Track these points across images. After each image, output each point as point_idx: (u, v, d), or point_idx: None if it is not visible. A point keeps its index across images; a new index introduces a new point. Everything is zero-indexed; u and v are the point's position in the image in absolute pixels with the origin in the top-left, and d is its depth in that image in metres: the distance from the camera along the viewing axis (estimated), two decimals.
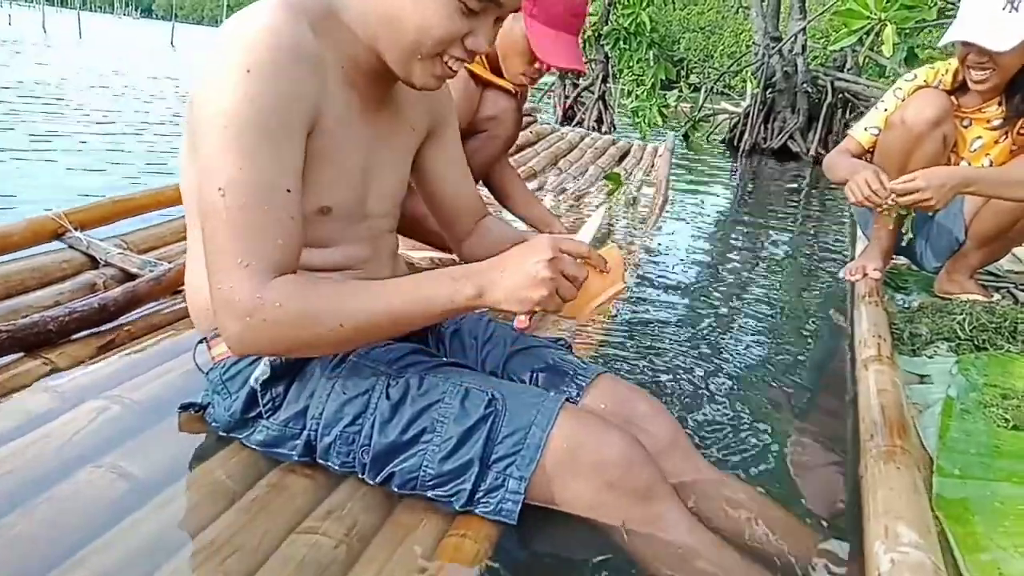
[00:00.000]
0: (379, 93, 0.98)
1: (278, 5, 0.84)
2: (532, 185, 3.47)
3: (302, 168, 0.86)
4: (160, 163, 3.99)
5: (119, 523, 0.83)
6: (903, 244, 2.20)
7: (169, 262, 1.61)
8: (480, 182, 2.07)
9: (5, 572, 0.74)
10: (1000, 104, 1.93)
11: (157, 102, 6.80)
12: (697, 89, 8.79)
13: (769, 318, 2.04)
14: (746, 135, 7.65)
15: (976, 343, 1.64)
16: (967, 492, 1.05)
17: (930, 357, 1.62)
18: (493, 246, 1.11)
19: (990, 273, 2.34)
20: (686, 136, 7.51)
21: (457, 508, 0.91)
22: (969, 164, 2.00)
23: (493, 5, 0.87)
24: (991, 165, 1.98)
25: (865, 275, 2.10)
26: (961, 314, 1.75)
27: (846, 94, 7.55)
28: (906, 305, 2.02)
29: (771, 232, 3.44)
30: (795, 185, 5.63)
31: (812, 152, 7.36)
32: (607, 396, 1.05)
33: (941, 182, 1.74)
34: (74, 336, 1.30)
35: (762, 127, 7.66)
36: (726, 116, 8.44)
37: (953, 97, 1.95)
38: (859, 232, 2.56)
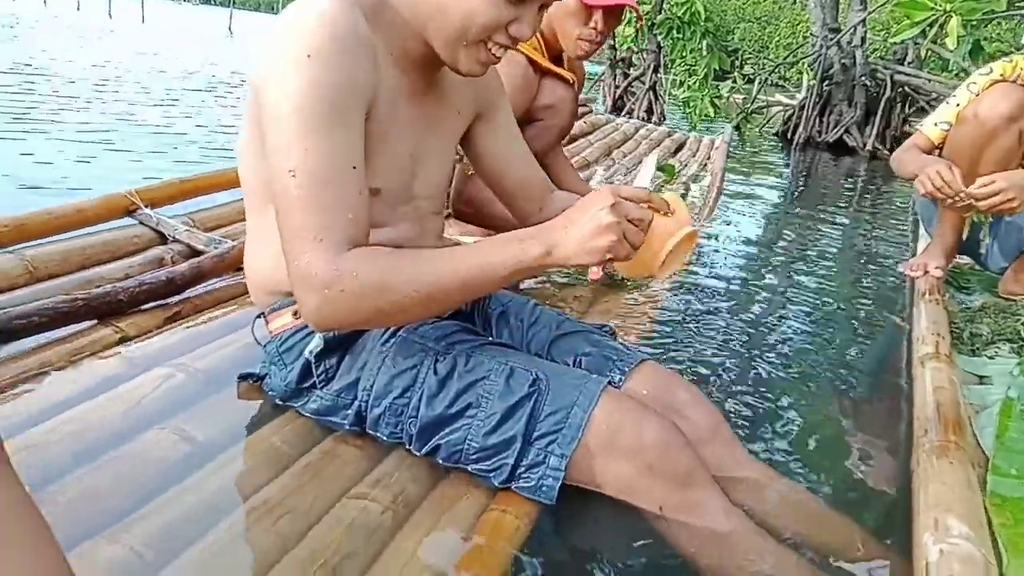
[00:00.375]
0: (427, 78, 0.99)
1: None
2: (584, 175, 3.43)
3: (363, 145, 0.88)
4: (223, 146, 4.09)
5: (180, 482, 0.87)
6: (965, 241, 2.11)
7: (233, 240, 1.66)
8: None
9: (74, 522, 0.78)
10: None
11: (218, 87, 6.94)
12: (751, 80, 8.54)
13: (823, 314, 1.97)
14: (800, 128, 7.40)
15: None
16: (1023, 493, 1.01)
17: (991, 358, 1.55)
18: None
19: None
20: (738, 128, 7.32)
21: (497, 484, 0.91)
22: None
23: None
24: None
25: (926, 272, 2.02)
26: None
27: (906, 88, 7.24)
28: (968, 305, 1.94)
29: (825, 228, 3.33)
30: (851, 181, 5.44)
31: (869, 147, 7.08)
32: (648, 382, 1.05)
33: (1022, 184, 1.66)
34: (143, 307, 1.36)
35: (817, 120, 7.39)
36: (780, 108, 8.18)
37: None
38: (921, 230, 2.46)
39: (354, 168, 0.85)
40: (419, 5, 0.89)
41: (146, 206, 1.79)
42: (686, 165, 4.14)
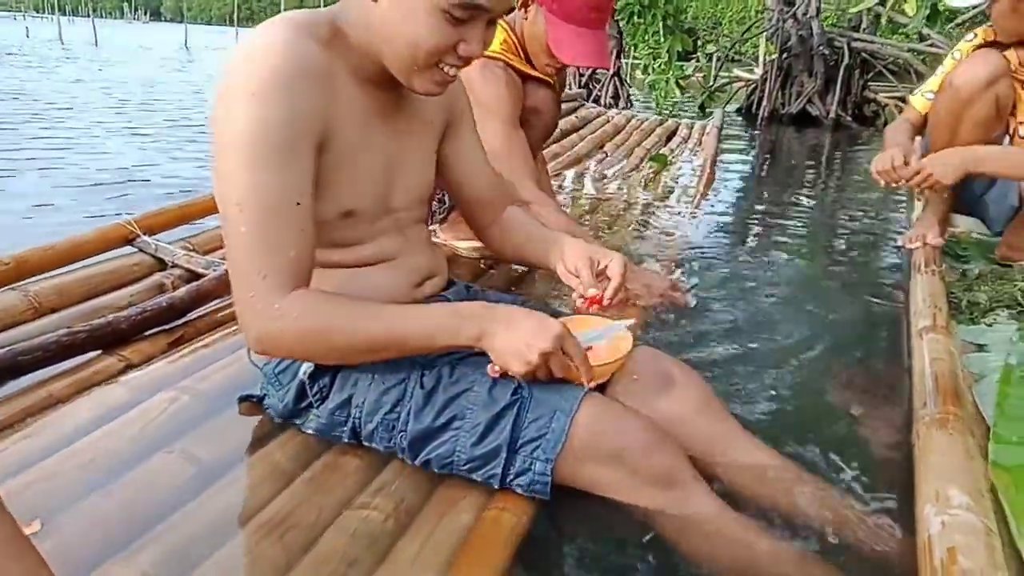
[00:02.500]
0: (392, 96, 0.98)
1: (284, 24, 0.86)
2: (576, 169, 3.38)
3: (312, 180, 0.87)
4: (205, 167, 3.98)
5: (188, 504, 0.86)
6: (968, 203, 2.07)
7: None
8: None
9: (86, 550, 0.78)
10: None
11: (191, 108, 6.68)
12: (720, 59, 8.42)
13: (818, 289, 1.93)
14: (764, 101, 7.32)
15: None
16: None
17: (989, 325, 1.51)
18: (518, 246, 1.13)
19: None
20: (702, 107, 7.22)
21: (496, 487, 0.91)
22: None
23: (479, 11, 0.85)
24: None
25: (925, 244, 1.94)
26: (1023, 280, 1.63)
27: (863, 54, 7.20)
28: (965, 273, 1.88)
29: (808, 201, 3.30)
30: (820, 152, 5.40)
31: (832, 115, 7.03)
32: (639, 364, 1.03)
33: (944, 160, 1.67)
34: (146, 333, 1.34)
35: (779, 93, 7.33)
36: (742, 84, 8.08)
37: (1016, 53, 1.76)
38: (915, 201, 2.39)
39: (298, 204, 0.85)
40: (370, 33, 0.88)
41: (145, 233, 1.78)
42: (677, 152, 4.08)
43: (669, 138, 4.58)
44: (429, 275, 1.08)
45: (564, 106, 4.09)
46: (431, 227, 1.90)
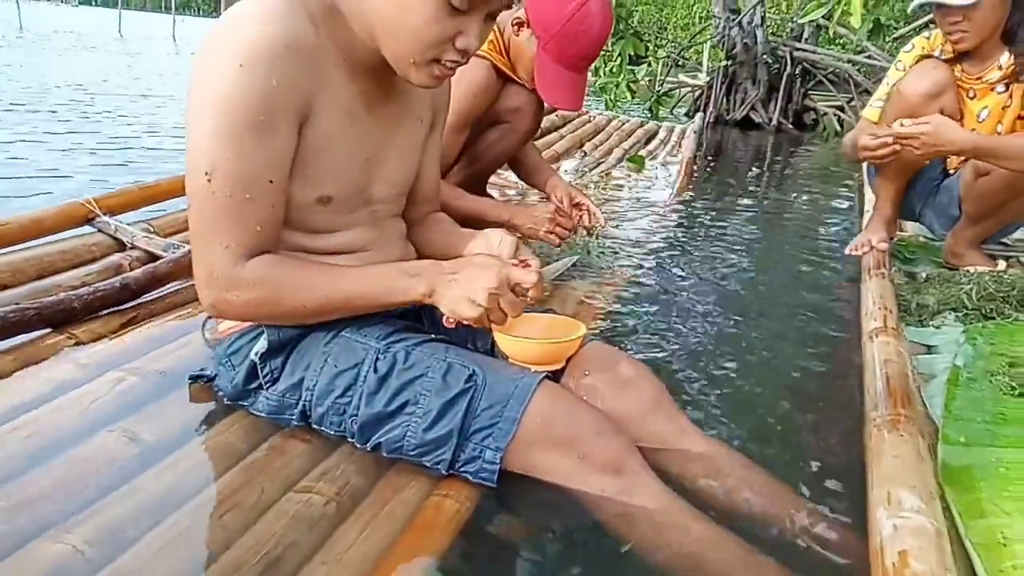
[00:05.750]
0: (383, 84, 0.97)
1: None
2: (554, 167, 3.38)
3: (290, 159, 0.88)
4: (162, 153, 3.77)
5: (128, 482, 0.86)
6: (916, 212, 2.11)
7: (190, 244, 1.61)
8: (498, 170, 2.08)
9: (21, 524, 0.77)
10: (1000, 68, 1.82)
11: (137, 99, 5.99)
12: (667, 64, 8.52)
13: (771, 293, 1.94)
14: (710, 107, 7.49)
15: (984, 312, 1.56)
16: (972, 459, 1.00)
17: (937, 327, 1.54)
18: (437, 246, 1.14)
19: (1001, 242, 2.17)
20: (651, 111, 7.27)
21: (444, 472, 0.91)
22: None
23: (480, 2, 0.85)
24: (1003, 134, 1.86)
25: (872, 248, 1.99)
26: (968, 284, 1.68)
27: (804, 64, 7.44)
28: (914, 276, 1.92)
29: (755, 202, 3.37)
30: (766, 154, 5.57)
31: (774, 122, 7.24)
32: (591, 360, 1.04)
33: (939, 140, 1.64)
34: (98, 314, 1.32)
35: (724, 99, 7.50)
36: (689, 89, 8.19)
37: (959, 65, 1.84)
38: (868, 205, 2.39)
39: (271, 182, 0.86)
40: (368, 18, 0.87)
41: (104, 213, 1.74)
42: (655, 155, 4.12)
43: (648, 140, 4.64)
44: None
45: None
46: None
